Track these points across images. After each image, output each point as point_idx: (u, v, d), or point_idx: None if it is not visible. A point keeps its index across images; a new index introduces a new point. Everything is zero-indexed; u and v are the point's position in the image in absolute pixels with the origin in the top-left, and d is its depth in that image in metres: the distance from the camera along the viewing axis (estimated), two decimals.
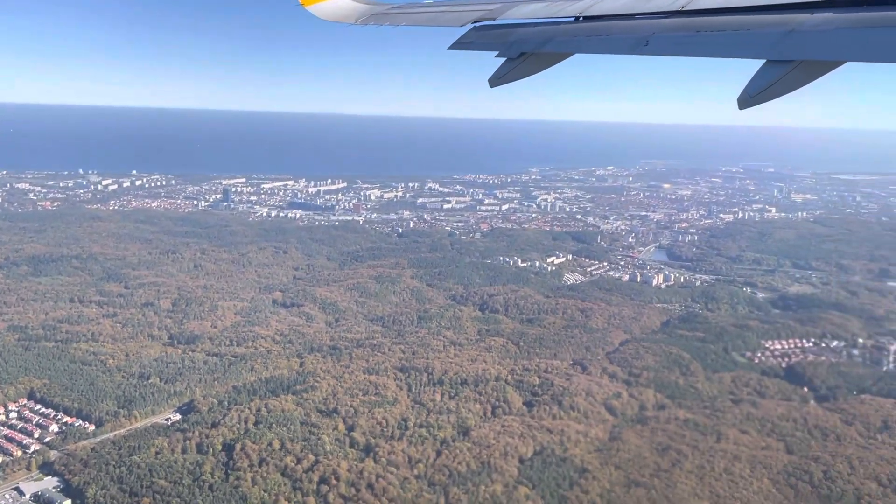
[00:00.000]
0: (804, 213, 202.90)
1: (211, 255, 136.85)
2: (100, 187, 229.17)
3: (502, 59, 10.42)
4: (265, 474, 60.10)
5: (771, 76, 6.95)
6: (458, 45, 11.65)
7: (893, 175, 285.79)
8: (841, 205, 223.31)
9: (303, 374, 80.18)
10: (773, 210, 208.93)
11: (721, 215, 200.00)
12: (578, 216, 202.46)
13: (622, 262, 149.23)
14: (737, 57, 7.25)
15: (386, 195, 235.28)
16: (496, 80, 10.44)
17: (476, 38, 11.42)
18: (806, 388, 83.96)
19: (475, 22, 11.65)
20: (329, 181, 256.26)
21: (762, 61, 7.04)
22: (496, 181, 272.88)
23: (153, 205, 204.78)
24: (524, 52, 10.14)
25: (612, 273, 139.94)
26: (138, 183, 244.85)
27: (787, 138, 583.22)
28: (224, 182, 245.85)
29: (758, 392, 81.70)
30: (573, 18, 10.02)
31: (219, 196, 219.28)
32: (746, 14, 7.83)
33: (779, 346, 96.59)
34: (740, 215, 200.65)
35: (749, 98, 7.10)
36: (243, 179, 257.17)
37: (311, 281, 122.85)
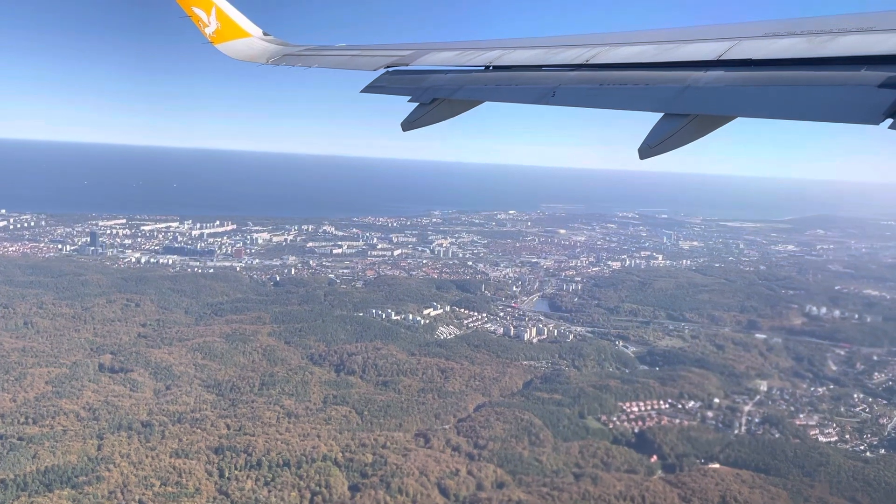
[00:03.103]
0: (688, 261, 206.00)
1: (49, 310, 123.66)
2: None
3: (414, 104, 10.39)
4: None
5: (668, 129, 7.25)
6: (371, 88, 11.60)
7: (775, 223, 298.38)
8: (724, 252, 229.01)
9: (96, 460, 69.96)
10: (661, 258, 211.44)
11: (609, 262, 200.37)
12: (470, 262, 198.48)
13: (502, 314, 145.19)
14: (637, 110, 7.58)
15: (276, 238, 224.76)
16: (408, 124, 10.44)
17: (389, 83, 11.44)
18: (655, 457, 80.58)
19: (388, 67, 11.67)
20: (217, 223, 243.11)
21: (661, 114, 7.33)
22: (395, 224, 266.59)
23: (11, 249, 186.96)
24: (436, 98, 10.18)
25: (488, 325, 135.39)
26: (3, 224, 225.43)
27: (683, 184, 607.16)
28: (100, 223, 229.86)
29: (604, 463, 77.47)
30: (483, 67, 10.19)
31: (88, 239, 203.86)
32: (646, 70, 8.15)
33: (636, 409, 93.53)
34: (627, 262, 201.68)
35: (649, 148, 7.38)
36: (123, 220, 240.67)
37: (155, 340, 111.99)
